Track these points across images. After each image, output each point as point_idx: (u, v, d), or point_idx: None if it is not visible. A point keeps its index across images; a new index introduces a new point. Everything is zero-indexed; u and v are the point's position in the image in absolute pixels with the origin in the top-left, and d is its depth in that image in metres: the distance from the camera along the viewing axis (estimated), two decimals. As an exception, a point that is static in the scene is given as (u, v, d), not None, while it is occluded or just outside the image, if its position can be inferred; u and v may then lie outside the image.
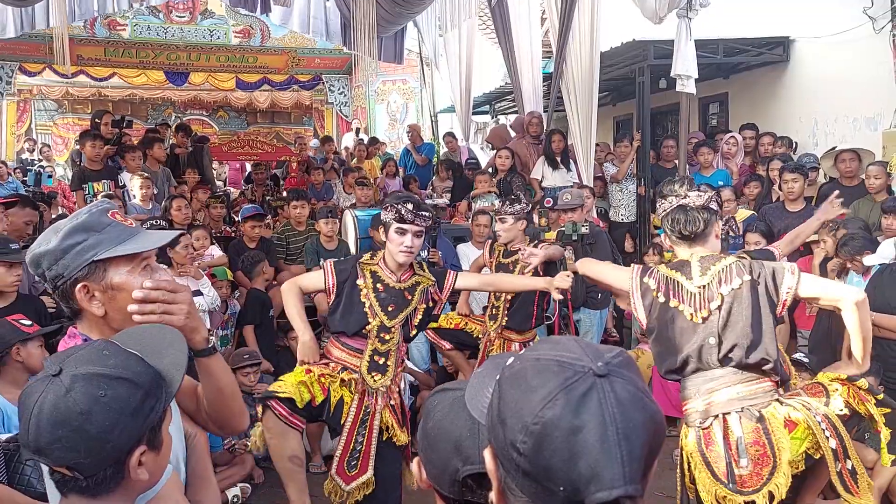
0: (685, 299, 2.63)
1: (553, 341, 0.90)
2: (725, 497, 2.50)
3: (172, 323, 1.41)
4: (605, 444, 0.78)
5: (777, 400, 2.59)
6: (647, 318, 2.72)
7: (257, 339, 5.30)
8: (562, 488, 0.79)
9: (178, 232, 1.59)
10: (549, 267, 3.91)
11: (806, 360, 4.40)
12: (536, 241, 4.46)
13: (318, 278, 3.23)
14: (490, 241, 4.77)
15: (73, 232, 1.46)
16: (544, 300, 4.42)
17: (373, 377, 3.14)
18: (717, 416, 2.56)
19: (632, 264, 2.96)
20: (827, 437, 2.50)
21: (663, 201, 2.75)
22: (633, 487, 0.78)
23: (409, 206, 3.05)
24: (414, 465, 1.29)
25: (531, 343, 4.34)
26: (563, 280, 3.33)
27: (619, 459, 0.77)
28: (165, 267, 4.67)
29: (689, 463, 2.64)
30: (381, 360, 3.16)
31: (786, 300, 2.60)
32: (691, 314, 2.61)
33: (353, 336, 3.16)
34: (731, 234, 5.62)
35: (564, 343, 0.88)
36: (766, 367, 2.59)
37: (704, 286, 2.61)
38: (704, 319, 2.58)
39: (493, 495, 0.91)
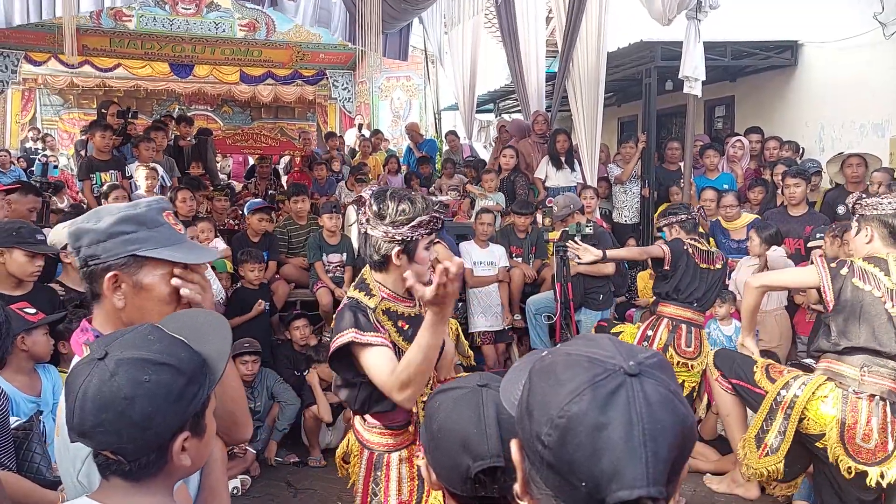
0: (884, 292, 2.90)
1: (588, 338, 0.90)
2: (840, 458, 2.89)
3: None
4: (630, 443, 0.77)
5: None
6: (836, 300, 2.97)
7: (251, 335, 5.25)
8: (584, 484, 0.79)
9: (223, 251, 1.55)
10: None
11: (814, 363, 4.39)
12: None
13: (388, 358, 2.12)
14: None
15: (126, 220, 1.44)
16: None
17: None
18: (872, 395, 2.91)
19: (813, 259, 3.29)
20: None
21: (895, 200, 2.98)
22: (657, 489, 0.77)
23: (437, 208, 2.28)
24: (422, 467, 1.28)
25: None
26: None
27: (643, 459, 0.77)
28: None
29: (812, 411, 2.99)
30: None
31: None
32: (885, 301, 2.89)
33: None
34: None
35: (599, 340, 0.88)
36: None
37: None
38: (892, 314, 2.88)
39: (517, 486, 0.91)
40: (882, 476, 2.84)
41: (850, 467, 2.89)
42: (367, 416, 2.36)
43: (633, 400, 0.79)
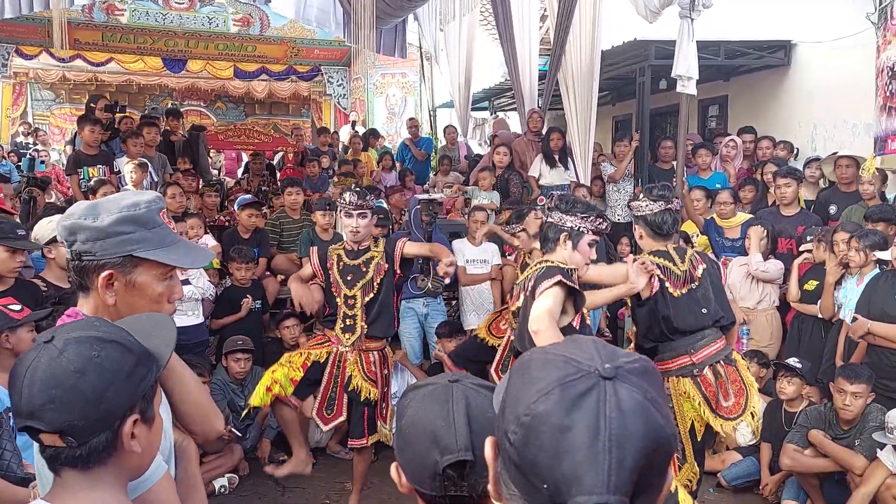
0: (673, 280, 3.37)
1: (572, 339, 0.87)
2: (722, 425, 3.34)
3: None
4: (593, 448, 0.74)
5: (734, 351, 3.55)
6: (639, 295, 3.43)
7: (243, 332, 5.23)
8: (545, 486, 0.76)
9: (212, 248, 1.62)
10: (405, 263, 3.90)
11: (798, 364, 4.40)
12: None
13: (558, 306, 3.04)
14: (317, 255, 4.11)
15: (126, 220, 1.46)
16: (399, 300, 4.20)
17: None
18: (710, 365, 3.35)
19: (628, 258, 3.75)
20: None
21: (652, 203, 3.42)
22: (617, 499, 0.73)
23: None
24: (393, 470, 1.25)
25: (386, 350, 4.07)
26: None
27: (605, 466, 0.73)
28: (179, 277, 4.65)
29: (685, 404, 3.39)
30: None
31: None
32: (678, 291, 3.37)
33: None
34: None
35: (581, 342, 0.85)
36: (729, 326, 3.53)
37: (686, 270, 3.40)
38: (688, 295, 3.36)
39: (490, 486, 0.89)
40: (753, 416, 3.44)
41: (730, 428, 3.42)
42: None
43: (603, 404, 0.76)
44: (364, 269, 3.84)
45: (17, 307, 3.12)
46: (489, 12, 9.28)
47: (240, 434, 4.66)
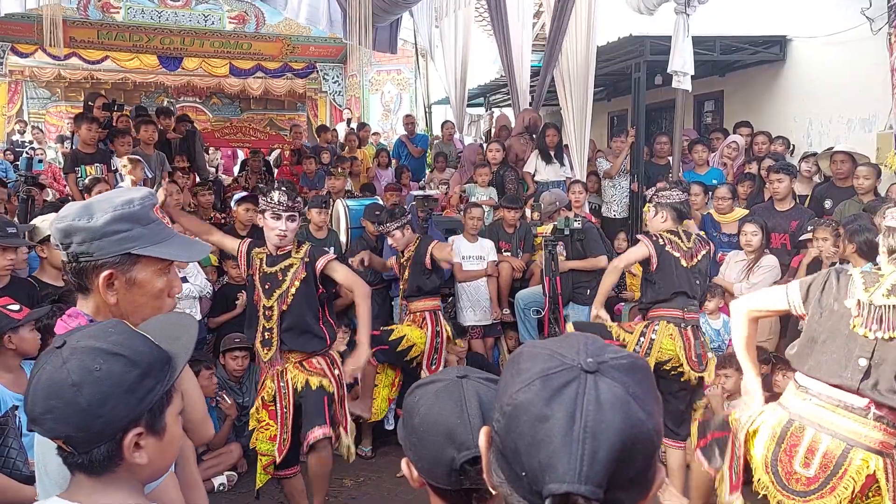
0: (683, 254, 3.97)
1: (564, 336, 0.90)
2: (689, 371, 3.93)
3: None
4: (568, 437, 0.76)
5: None
6: (658, 263, 3.93)
7: (241, 330, 5.24)
8: (524, 473, 0.79)
9: (210, 246, 1.61)
10: (327, 282, 3.58)
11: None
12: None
13: None
14: (248, 244, 3.72)
15: (121, 219, 1.45)
16: (326, 311, 3.68)
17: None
18: (692, 326, 4.03)
19: (639, 238, 4.12)
20: None
21: (681, 194, 4.10)
22: (588, 488, 0.74)
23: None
24: (403, 465, 1.27)
25: (331, 352, 3.69)
26: None
27: (578, 456, 0.75)
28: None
29: (666, 340, 3.96)
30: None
31: None
32: (686, 263, 3.96)
33: None
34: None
35: (571, 338, 0.87)
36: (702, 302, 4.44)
37: (691, 248, 4.01)
38: (691, 268, 3.98)
39: (484, 474, 0.91)
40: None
41: (700, 377, 3.93)
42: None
43: (582, 396, 0.77)
44: (281, 278, 3.49)
45: (16, 307, 3.12)
46: (484, 8, 9.28)
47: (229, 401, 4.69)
